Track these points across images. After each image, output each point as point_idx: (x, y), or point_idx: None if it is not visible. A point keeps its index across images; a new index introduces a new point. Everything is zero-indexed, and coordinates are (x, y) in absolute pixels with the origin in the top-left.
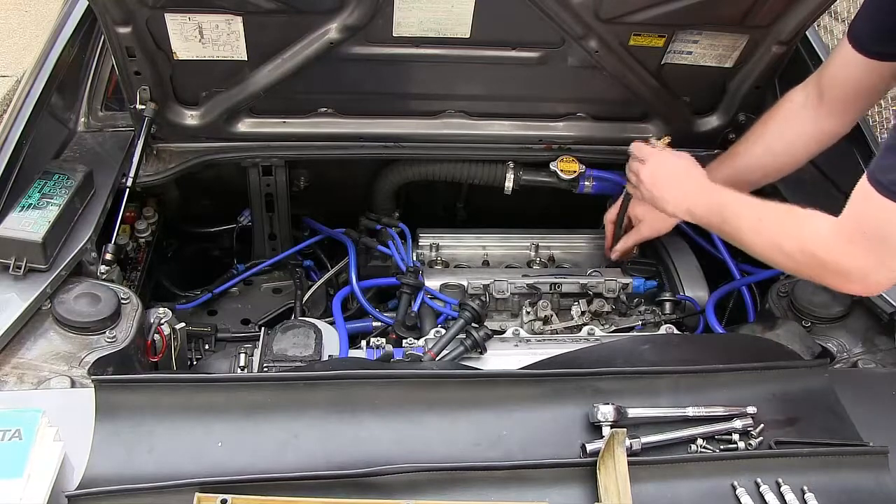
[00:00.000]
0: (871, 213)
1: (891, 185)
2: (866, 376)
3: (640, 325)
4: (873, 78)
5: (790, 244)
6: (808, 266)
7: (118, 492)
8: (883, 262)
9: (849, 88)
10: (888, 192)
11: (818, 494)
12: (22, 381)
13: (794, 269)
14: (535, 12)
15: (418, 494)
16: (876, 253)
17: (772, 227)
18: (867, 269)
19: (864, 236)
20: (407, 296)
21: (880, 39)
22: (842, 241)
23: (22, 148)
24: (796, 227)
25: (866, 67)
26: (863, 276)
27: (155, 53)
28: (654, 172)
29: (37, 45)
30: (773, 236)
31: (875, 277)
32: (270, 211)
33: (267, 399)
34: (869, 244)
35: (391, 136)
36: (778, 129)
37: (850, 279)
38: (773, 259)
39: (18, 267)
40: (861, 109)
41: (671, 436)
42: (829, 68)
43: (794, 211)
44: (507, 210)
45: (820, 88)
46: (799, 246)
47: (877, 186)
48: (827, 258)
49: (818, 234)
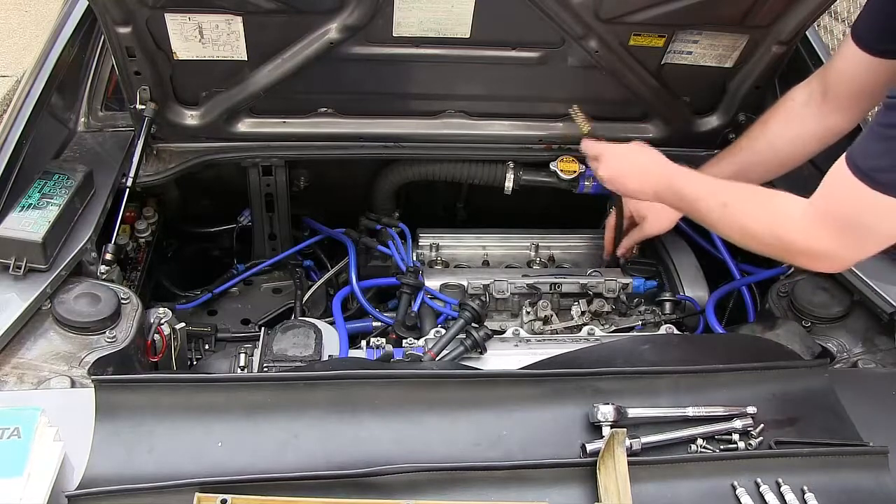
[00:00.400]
0: (846, 198)
1: (869, 171)
2: (866, 376)
3: (640, 325)
4: (877, 75)
5: (757, 226)
6: (776, 248)
7: (118, 492)
8: (853, 244)
9: (853, 86)
10: (866, 178)
11: (818, 494)
12: (22, 381)
13: (761, 250)
14: (535, 12)
15: (418, 494)
16: (847, 236)
17: (737, 208)
18: (837, 251)
19: (836, 220)
20: (407, 296)
21: (884, 37)
22: (813, 224)
23: (22, 148)
24: (763, 209)
25: (870, 65)
26: (833, 257)
27: (155, 53)
28: (613, 165)
29: (37, 45)
30: (738, 217)
31: (844, 258)
32: (270, 211)
33: (267, 399)
34: (841, 227)
35: (391, 136)
36: (780, 126)
37: (820, 259)
38: (738, 240)
39: (18, 267)
40: (865, 107)
41: (671, 436)
42: (834, 66)
43: (759, 191)
44: (507, 210)
45: (824, 86)
46: (767, 228)
47: (855, 171)
48: (797, 240)
49: (788, 216)
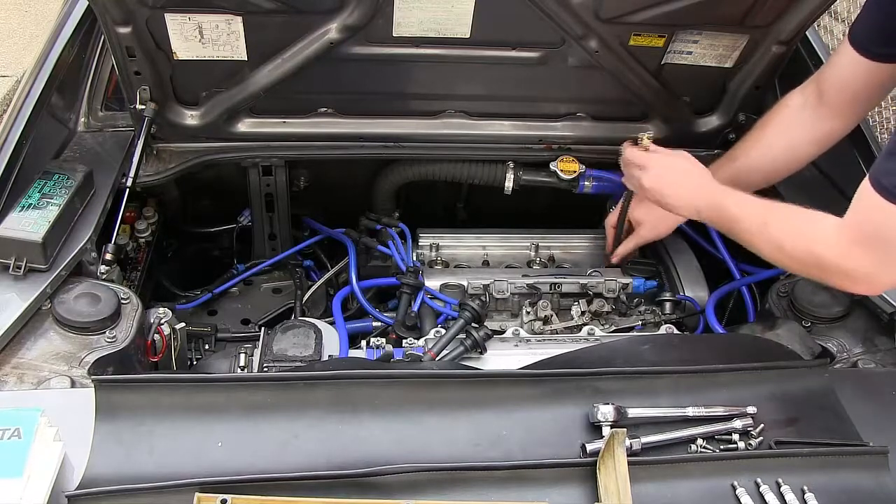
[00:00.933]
0: (874, 216)
1: (893, 188)
2: (866, 376)
3: (640, 325)
4: (874, 79)
5: (794, 245)
6: (812, 267)
7: (118, 492)
8: (887, 263)
9: (850, 90)
10: (890, 196)
11: (818, 494)
12: (22, 381)
13: (798, 269)
14: (535, 12)
15: (418, 494)
16: (879, 255)
17: (776, 227)
18: (871, 271)
19: (867, 238)
20: (407, 296)
21: (881, 41)
22: (845, 244)
23: (22, 148)
24: (800, 229)
25: (867, 69)
26: (867, 277)
27: (155, 53)
28: (659, 176)
29: (37, 45)
30: (778, 237)
31: (879, 278)
32: (270, 211)
33: (267, 399)
34: (872, 246)
35: (391, 136)
36: (777, 132)
37: (855, 280)
38: (777, 259)
39: (18, 267)
40: (862, 110)
41: (671, 436)
42: (830, 70)
43: (798, 212)
44: (507, 210)
45: (820, 90)
46: (803, 247)
47: (879, 189)
48: (831, 260)
49: (822, 235)
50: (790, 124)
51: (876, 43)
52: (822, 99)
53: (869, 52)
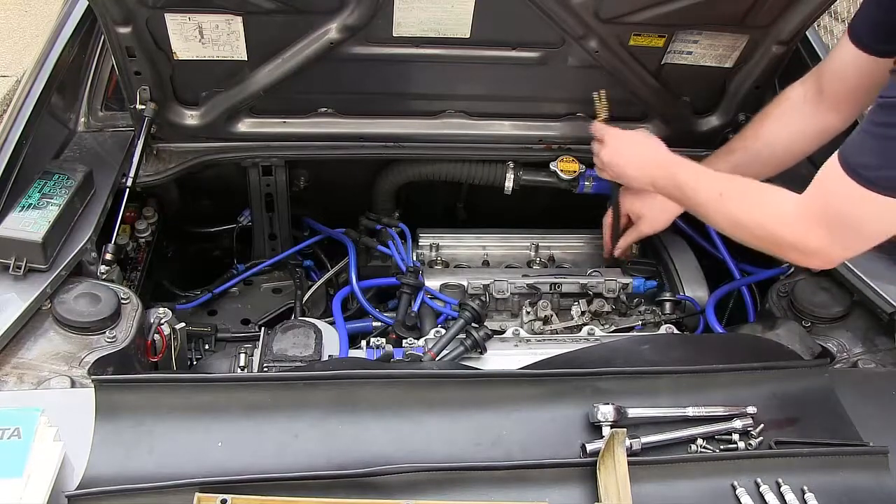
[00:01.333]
0: (837, 195)
1: (860, 168)
2: (866, 376)
3: (639, 325)
4: (874, 74)
5: (750, 220)
6: (767, 242)
7: (118, 492)
8: (843, 241)
9: (849, 84)
10: (857, 176)
11: (818, 494)
12: (22, 381)
13: (753, 243)
14: (535, 12)
15: (418, 494)
16: (838, 233)
17: (732, 200)
18: (827, 247)
19: (827, 218)
20: (407, 296)
21: (881, 37)
22: (805, 221)
23: (22, 148)
24: (758, 203)
25: (867, 64)
26: (822, 253)
27: (155, 53)
28: (615, 148)
29: (37, 45)
30: (733, 210)
31: (834, 255)
32: (270, 211)
33: (267, 399)
34: (831, 224)
35: (391, 136)
36: (776, 125)
37: (809, 256)
38: (732, 232)
39: (18, 267)
40: (861, 105)
41: (671, 436)
42: (830, 64)
43: (755, 186)
44: (507, 210)
45: (819, 84)
46: (760, 222)
47: (846, 168)
48: (788, 236)
49: (780, 212)
50: (790, 118)
51: (875, 39)
52: (822, 93)
53: (869, 47)
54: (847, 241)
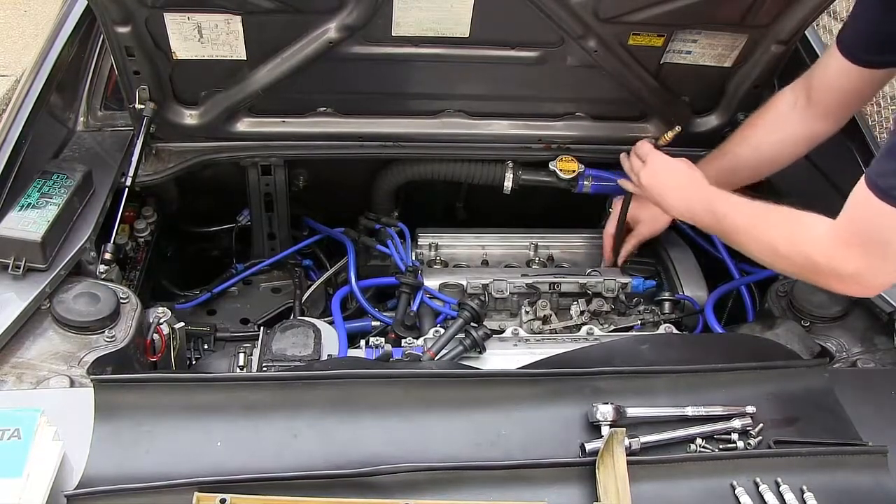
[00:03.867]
0: (869, 218)
1: (889, 189)
2: (866, 376)
3: (639, 324)
4: (862, 85)
5: (786, 247)
6: (805, 269)
7: (117, 491)
8: (879, 265)
9: (838, 94)
10: (886, 197)
11: (817, 494)
12: (21, 381)
13: (790, 271)
14: (534, 12)
15: (417, 494)
16: (873, 257)
17: (768, 229)
18: (864, 273)
19: (860, 240)
20: (406, 295)
21: (868, 48)
22: (838, 245)
23: (21, 147)
24: (792, 230)
25: (854, 74)
26: (859, 278)
27: (154, 53)
28: (656, 173)
29: (36, 45)
30: (769, 239)
31: (872, 280)
32: (269, 210)
33: (266, 399)
34: (866, 248)
35: (390, 135)
36: (765, 131)
37: (847, 282)
38: (770, 261)
39: (18, 266)
40: (849, 113)
41: (670, 435)
42: (818, 73)
43: (790, 213)
44: (506, 209)
45: (808, 92)
46: (795, 249)
47: (875, 191)
48: (823, 262)
49: (815, 237)
50: (779, 124)
51: (862, 49)
52: (811, 100)
53: (856, 58)
54: (885, 264)
